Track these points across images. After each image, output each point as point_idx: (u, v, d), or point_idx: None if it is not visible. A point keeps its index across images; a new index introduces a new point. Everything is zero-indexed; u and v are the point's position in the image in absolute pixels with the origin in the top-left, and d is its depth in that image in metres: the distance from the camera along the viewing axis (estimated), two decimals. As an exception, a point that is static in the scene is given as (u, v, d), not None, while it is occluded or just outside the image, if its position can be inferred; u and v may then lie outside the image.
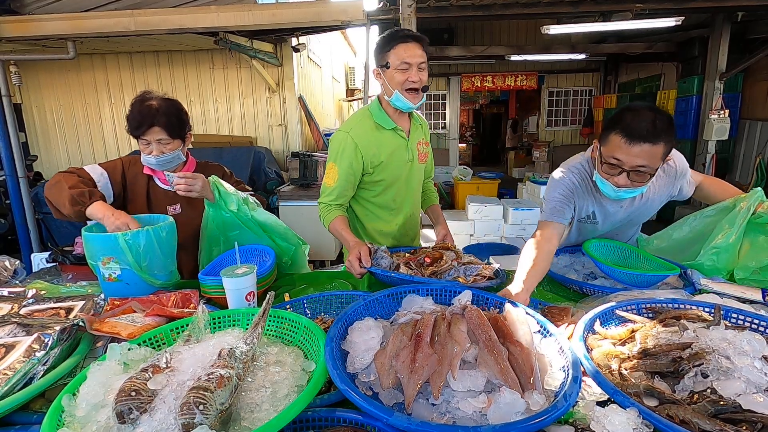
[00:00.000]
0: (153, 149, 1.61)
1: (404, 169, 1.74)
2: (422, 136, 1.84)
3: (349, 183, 1.68)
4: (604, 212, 1.55)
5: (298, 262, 1.76)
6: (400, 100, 1.60)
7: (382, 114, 1.68)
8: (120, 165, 1.71)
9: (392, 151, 1.70)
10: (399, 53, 1.54)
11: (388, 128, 1.68)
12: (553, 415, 0.66)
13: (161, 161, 1.62)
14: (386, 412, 0.66)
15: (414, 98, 1.59)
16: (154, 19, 4.11)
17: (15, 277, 1.59)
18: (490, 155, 15.37)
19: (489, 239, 5.49)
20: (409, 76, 1.54)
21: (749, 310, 1.02)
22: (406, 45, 1.54)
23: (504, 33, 9.63)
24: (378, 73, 1.63)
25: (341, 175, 1.65)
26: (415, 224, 1.90)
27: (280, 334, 0.98)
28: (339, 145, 1.66)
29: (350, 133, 1.65)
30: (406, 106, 1.62)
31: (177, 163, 1.69)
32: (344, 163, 1.64)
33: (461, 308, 0.94)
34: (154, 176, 1.71)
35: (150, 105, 1.58)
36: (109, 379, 0.77)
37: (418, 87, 1.57)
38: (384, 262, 1.40)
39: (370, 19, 4.47)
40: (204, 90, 6.25)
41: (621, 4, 4.80)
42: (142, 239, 1.33)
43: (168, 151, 1.62)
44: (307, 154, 5.17)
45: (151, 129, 1.57)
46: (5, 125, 4.29)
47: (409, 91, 1.57)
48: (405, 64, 1.54)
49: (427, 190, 2.02)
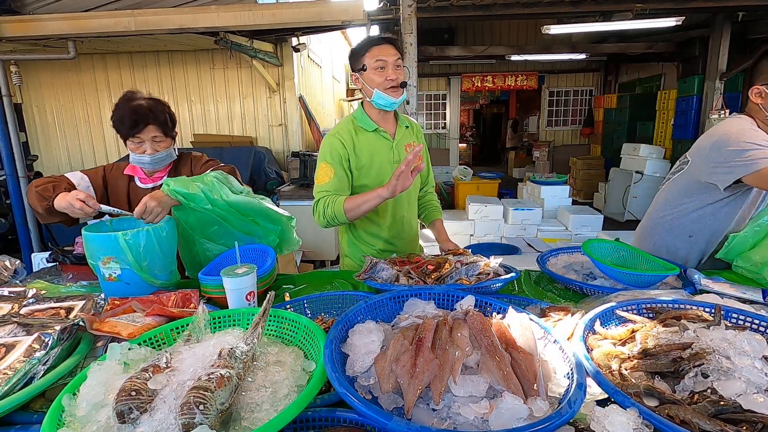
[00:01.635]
0: (147, 148, 1.60)
1: (390, 170, 1.72)
2: (412, 138, 1.84)
3: (344, 178, 1.67)
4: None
5: (287, 237, 1.72)
6: (382, 97, 1.64)
7: (364, 117, 1.73)
8: (101, 170, 1.73)
9: (374, 152, 1.71)
10: (374, 54, 1.60)
11: (369, 130, 1.72)
12: (557, 422, 0.65)
13: (156, 159, 1.62)
14: (385, 416, 0.66)
15: (394, 94, 1.64)
16: (154, 19, 4.11)
17: (15, 276, 1.59)
18: (491, 155, 15.38)
19: (489, 239, 5.49)
20: (387, 75, 1.60)
21: (750, 311, 1.02)
22: (379, 47, 1.61)
23: (504, 33, 9.64)
24: (356, 78, 1.68)
25: (336, 170, 1.66)
26: (410, 227, 1.89)
27: (281, 334, 0.98)
28: (328, 146, 1.68)
29: (336, 135, 1.69)
30: (388, 103, 1.65)
31: (169, 161, 1.69)
32: (335, 159, 1.66)
33: (463, 313, 0.93)
34: (135, 176, 1.71)
35: (141, 104, 1.58)
36: (110, 378, 0.77)
37: (396, 84, 1.61)
38: (384, 274, 1.40)
39: (371, 19, 4.47)
40: (204, 90, 6.25)
41: (621, 4, 4.81)
42: (142, 239, 1.33)
43: (161, 149, 1.63)
44: (307, 154, 5.17)
45: (147, 127, 1.57)
46: (5, 125, 4.29)
47: (389, 89, 1.62)
48: (381, 61, 1.60)
49: (429, 202, 1.99)
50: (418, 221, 2.00)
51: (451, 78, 10.22)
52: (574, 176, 8.93)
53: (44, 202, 1.45)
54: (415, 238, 1.95)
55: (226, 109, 6.31)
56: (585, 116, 10.40)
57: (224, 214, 1.52)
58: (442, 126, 10.69)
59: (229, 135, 6.28)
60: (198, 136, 6.16)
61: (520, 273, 1.49)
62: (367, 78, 1.64)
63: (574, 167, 9.04)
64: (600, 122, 9.58)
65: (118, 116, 1.58)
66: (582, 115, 10.55)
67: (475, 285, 1.26)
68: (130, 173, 1.70)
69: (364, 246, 1.83)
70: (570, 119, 10.73)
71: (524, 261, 1.95)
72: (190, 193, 1.43)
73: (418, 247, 1.97)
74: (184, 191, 1.43)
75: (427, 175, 1.99)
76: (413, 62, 4.19)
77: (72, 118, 6.32)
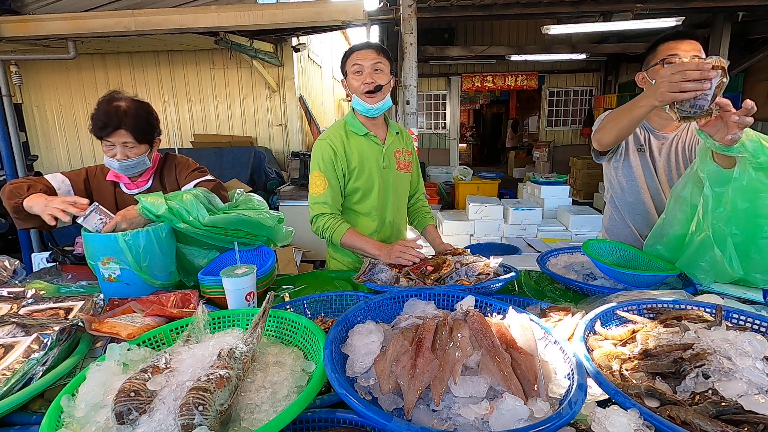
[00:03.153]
0: (117, 152, 1.53)
1: (380, 175, 1.75)
2: (402, 145, 1.86)
3: (337, 187, 1.70)
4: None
5: (277, 237, 1.69)
6: (359, 104, 1.67)
7: (355, 121, 1.74)
8: (84, 173, 1.66)
9: (365, 156, 1.72)
10: (353, 59, 1.63)
11: (360, 134, 1.73)
12: (558, 423, 0.65)
13: (124, 166, 1.55)
14: (385, 417, 0.66)
15: (369, 100, 1.64)
16: (154, 19, 4.11)
17: (15, 277, 1.59)
18: (491, 155, 15.37)
19: (489, 239, 5.49)
20: (363, 79, 1.61)
21: (750, 311, 1.01)
22: (359, 52, 1.63)
23: (504, 33, 9.64)
24: (345, 84, 1.72)
25: (329, 179, 1.67)
26: (398, 232, 1.90)
27: (280, 335, 0.97)
28: (319, 153, 1.69)
29: (326, 140, 1.70)
30: (365, 109, 1.67)
31: (141, 169, 1.62)
32: (328, 167, 1.68)
33: (463, 313, 0.93)
34: (120, 182, 1.66)
35: (118, 106, 1.51)
36: (109, 379, 0.77)
37: (371, 88, 1.62)
38: (384, 276, 1.40)
39: (371, 19, 4.47)
40: (204, 90, 6.25)
41: (621, 4, 4.80)
42: (142, 239, 1.33)
43: (133, 155, 1.55)
44: (307, 154, 5.17)
45: (117, 131, 1.50)
46: (6, 125, 4.29)
47: (366, 94, 1.63)
48: (357, 66, 1.62)
49: (421, 209, 2.01)
50: (407, 226, 2.01)
51: (451, 78, 10.22)
52: (574, 176, 8.93)
53: (14, 199, 1.40)
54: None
55: (226, 109, 6.31)
56: (585, 116, 10.39)
57: (202, 232, 1.44)
58: (442, 126, 10.68)
59: (229, 135, 6.28)
60: (198, 136, 6.16)
61: (520, 273, 1.49)
62: (349, 83, 1.68)
63: (574, 167, 9.04)
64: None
65: (93, 115, 1.52)
66: (582, 115, 10.54)
67: (475, 285, 1.25)
68: (113, 179, 1.64)
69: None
70: (570, 119, 10.72)
71: (524, 261, 1.95)
72: (161, 214, 1.37)
73: None
74: (155, 212, 1.37)
75: (417, 182, 2.00)
76: (413, 62, 4.19)
77: (72, 118, 6.32)
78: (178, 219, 1.39)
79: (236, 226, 1.50)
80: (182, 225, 1.40)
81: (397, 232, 1.89)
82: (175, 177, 1.71)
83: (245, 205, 1.59)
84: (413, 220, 2.02)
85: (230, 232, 1.49)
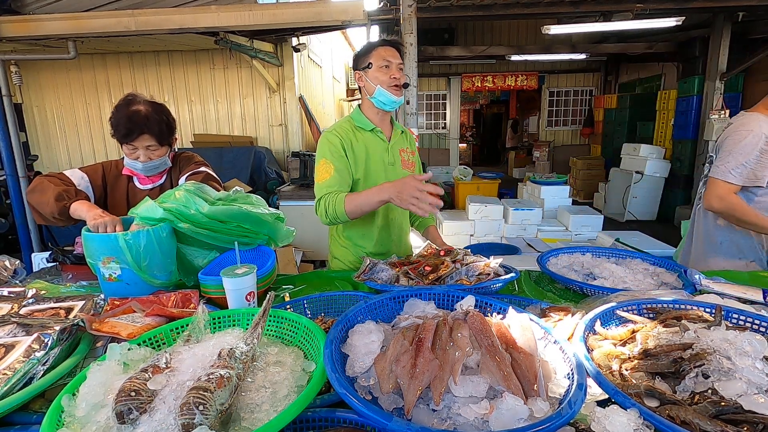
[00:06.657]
0: (140, 155, 1.58)
1: (384, 171, 1.77)
2: (407, 144, 1.89)
3: (344, 172, 1.68)
4: None
5: (278, 235, 1.65)
6: (383, 94, 1.68)
7: (361, 117, 1.77)
8: (101, 169, 1.70)
9: (370, 150, 1.74)
10: (380, 54, 1.68)
11: (367, 129, 1.76)
12: (558, 423, 0.65)
13: (148, 167, 1.60)
14: (385, 417, 0.66)
15: (397, 92, 1.70)
16: (154, 19, 4.12)
17: (15, 276, 1.59)
18: (491, 155, 15.38)
19: (489, 239, 5.49)
20: (392, 74, 1.67)
21: (750, 311, 1.02)
22: (385, 48, 1.69)
23: (504, 33, 9.64)
24: (360, 76, 1.73)
25: (336, 165, 1.66)
26: (401, 230, 1.90)
27: (280, 334, 0.97)
28: (327, 143, 1.70)
29: (333, 131, 1.71)
30: (389, 101, 1.69)
31: (163, 168, 1.67)
32: (335, 154, 1.68)
33: (463, 313, 0.93)
34: (134, 177, 1.69)
35: (138, 110, 1.54)
36: (109, 379, 0.77)
37: (399, 84, 1.68)
38: (384, 275, 1.40)
39: (371, 19, 4.47)
40: (204, 90, 6.25)
41: (621, 4, 4.81)
42: (142, 239, 1.33)
43: (155, 157, 1.61)
44: (307, 154, 5.17)
45: (141, 136, 1.54)
46: (6, 125, 4.29)
47: (393, 87, 1.68)
48: (386, 61, 1.67)
49: None
50: (410, 226, 2.01)
51: (451, 78, 10.23)
52: (574, 176, 8.94)
53: (63, 201, 1.44)
54: (407, 242, 1.97)
55: (226, 109, 6.31)
56: (585, 116, 10.40)
57: (208, 225, 1.41)
58: (442, 126, 10.69)
59: (229, 135, 6.28)
60: (198, 136, 6.16)
61: (520, 273, 1.49)
62: (372, 75, 1.68)
63: (574, 167, 9.04)
64: (600, 122, 9.57)
65: (114, 120, 1.55)
66: (582, 115, 10.55)
67: (475, 285, 1.25)
68: (128, 174, 1.69)
69: (354, 248, 1.84)
70: (570, 119, 10.73)
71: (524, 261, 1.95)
72: (161, 217, 1.36)
73: (410, 251, 1.98)
74: (153, 217, 1.36)
75: None
76: (413, 62, 4.19)
77: (72, 118, 6.32)
78: (179, 218, 1.39)
79: (237, 219, 1.48)
80: (184, 225, 1.39)
81: (399, 230, 1.89)
82: (179, 172, 1.75)
83: (244, 201, 1.59)
84: (414, 220, 2.02)
85: (231, 229, 1.48)
